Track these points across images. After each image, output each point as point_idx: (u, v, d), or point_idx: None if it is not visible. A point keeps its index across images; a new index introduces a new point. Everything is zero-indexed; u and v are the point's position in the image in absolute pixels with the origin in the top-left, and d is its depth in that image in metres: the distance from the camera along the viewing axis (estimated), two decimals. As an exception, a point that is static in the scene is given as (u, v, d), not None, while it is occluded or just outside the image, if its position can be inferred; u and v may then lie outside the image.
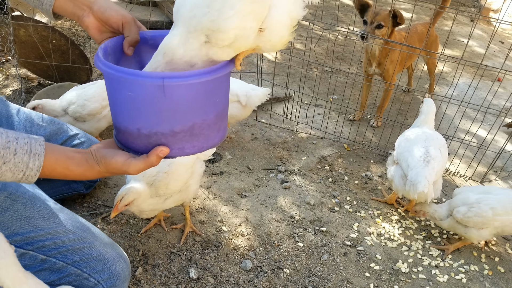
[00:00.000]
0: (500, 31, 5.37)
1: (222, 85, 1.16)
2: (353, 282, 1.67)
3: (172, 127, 1.09)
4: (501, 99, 3.46)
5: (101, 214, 1.82)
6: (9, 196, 1.18)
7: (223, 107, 1.20)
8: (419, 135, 2.00)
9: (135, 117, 1.09)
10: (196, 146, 1.14)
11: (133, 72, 1.00)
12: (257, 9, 1.00)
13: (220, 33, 0.97)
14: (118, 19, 1.18)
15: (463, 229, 1.81)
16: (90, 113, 2.04)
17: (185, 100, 1.06)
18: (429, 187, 1.77)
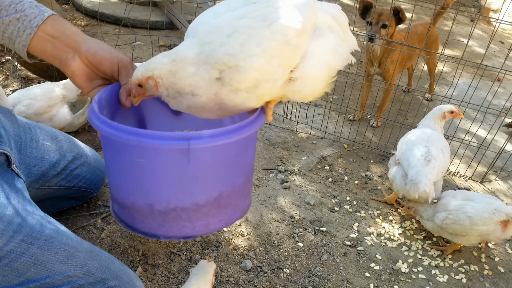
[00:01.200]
0: (500, 31, 5.36)
1: (252, 142, 0.97)
2: (353, 282, 1.67)
3: (195, 200, 0.88)
4: (501, 99, 3.46)
5: (101, 214, 1.82)
6: (25, 239, 1.02)
7: (251, 166, 1.00)
8: (420, 135, 2.00)
9: (146, 190, 0.87)
10: (223, 220, 0.95)
11: (147, 133, 0.77)
12: (287, 53, 0.82)
13: (237, 73, 0.78)
14: (113, 63, 0.98)
15: (450, 235, 1.81)
16: (36, 113, 1.94)
17: (212, 165, 0.86)
18: (430, 187, 1.77)
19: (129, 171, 0.87)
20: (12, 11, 0.96)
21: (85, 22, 3.64)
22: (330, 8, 0.98)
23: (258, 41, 0.78)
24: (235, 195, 0.95)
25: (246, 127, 0.85)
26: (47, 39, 0.98)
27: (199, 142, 0.79)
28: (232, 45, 0.78)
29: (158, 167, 0.83)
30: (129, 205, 0.92)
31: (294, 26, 0.81)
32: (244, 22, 0.80)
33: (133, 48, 3.33)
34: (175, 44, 3.57)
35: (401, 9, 2.48)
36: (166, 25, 3.77)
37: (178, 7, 4.02)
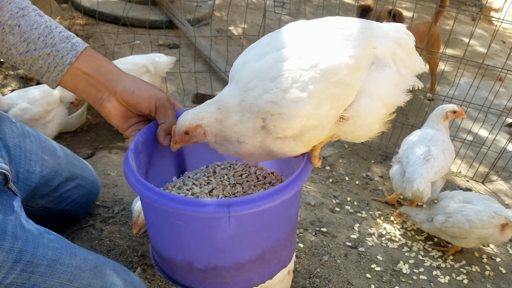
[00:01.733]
0: (501, 31, 5.35)
1: (297, 195, 0.90)
2: (354, 283, 1.65)
3: (237, 259, 0.83)
4: (503, 98, 3.44)
5: (100, 215, 1.81)
6: (25, 269, 0.95)
7: (296, 216, 0.95)
8: (423, 135, 1.99)
9: (185, 249, 0.83)
10: (267, 274, 0.90)
11: (185, 200, 0.74)
12: (340, 93, 0.73)
13: (281, 120, 0.72)
14: (150, 103, 0.93)
15: (449, 238, 1.80)
16: (32, 118, 1.87)
17: (254, 226, 0.81)
18: (425, 186, 1.76)
19: (167, 229, 0.84)
20: (42, 45, 0.90)
21: (84, 21, 3.62)
22: (393, 30, 0.86)
23: (304, 85, 0.71)
24: (279, 249, 0.91)
25: (292, 185, 0.78)
26: (80, 76, 0.93)
27: (240, 208, 0.73)
28: (275, 91, 0.72)
29: (197, 230, 0.80)
30: (167, 259, 0.89)
31: (346, 62, 0.73)
32: (289, 64, 0.72)
33: (132, 47, 3.32)
34: (174, 43, 3.56)
35: (399, 13, 2.47)
36: (165, 24, 3.75)
37: (177, 6, 4.01)
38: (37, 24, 0.91)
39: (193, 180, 1.03)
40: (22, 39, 0.89)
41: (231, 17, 4.44)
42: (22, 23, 0.89)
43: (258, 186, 1.01)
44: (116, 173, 2.08)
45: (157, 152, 0.98)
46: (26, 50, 0.90)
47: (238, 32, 4.20)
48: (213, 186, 1.00)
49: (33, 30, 0.90)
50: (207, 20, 4.16)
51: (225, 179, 1.03)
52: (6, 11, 0.88)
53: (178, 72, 2.70)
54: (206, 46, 3.39)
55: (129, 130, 0.99)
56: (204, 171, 1.08)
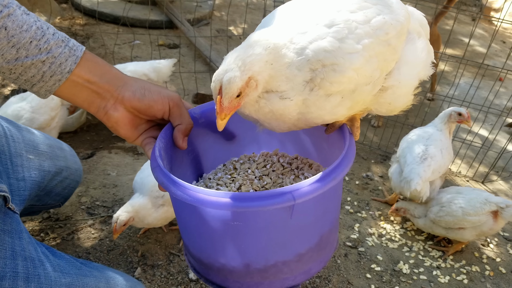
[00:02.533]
0: (501, 30, 5.35)
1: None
2: (354, 283, 1.65)
3: (297, 251, 0.79)
4: (503, 98, 3.45)
5: (100, 215, 1.81)
6: None
7: (341, 197, 0.91)
8: (422, 134, 1.99)
9: (242, 251, 0.78)
10: (323, 261, 0.87)
11: (245, 196, 0.68)
12: (386, 54, 0.73)
13: (332, 73, 0.68)
14: (164, 104, 0.85)
15: (443, 229, 1.81)
16: (40, 127, 1.88)
17: (314, 213, 0.78)
18: (422, 186, 1.76)
19: (219, 234, 0.77)
20: (35, 51, 0.76)
21: (84, 21, 3.62)
22: (416, 12, 0.89)
23: (360, 37, 0.68)
24: (332, 232, 0.88)
25: (346, 161, 0.74)
26: (81, 84, 0.81)
27: (305, 193, 0.69)
28: (330, 40, 0.67)
29: (256, 228, 0.74)
30: (219, 267, 0.81)
31: (395, 24, 0.73)
32: (344, 15, 0.70)
33: (132, 47, 3.32)
34: (174, 43, 3.56)
35: None
36: (165, 24, 3.75)
37: (177, 6, 4.01)
38: (26, 25, 0.76)
39: (216, 181, 0.97)
40: (10, 44, 0.74)
41: (231, 17, 4.44)
42: (9, 25, 0.74)
43: (287, 174, 0.96)
44: (116, 173, 2.08)
45: (175, 157, 0.91)
46: (16, 58, 0.75)
47: (238, 32, 4.20)
48: (240, 183, 0.93)
49: (23, 33, 0.75)
50: (207, 20, 4.16)
51: (249, 173, 0.97)
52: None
53: (178, 72, 2.69)
54: (206, 46, 3.39)
55: (140, 139, 0.89)
56: (224, 169, 1.02)
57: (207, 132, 0.99)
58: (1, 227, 0.93)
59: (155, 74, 2.36)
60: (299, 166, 0.99)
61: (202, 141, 0.99)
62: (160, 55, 3.07)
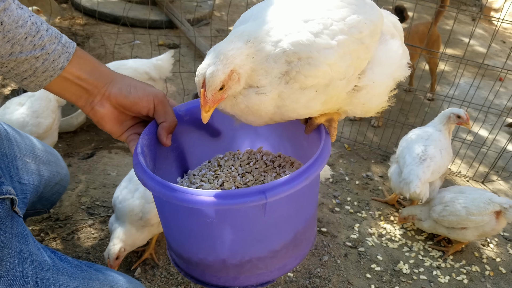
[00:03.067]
0: (501, 30, 5.35)
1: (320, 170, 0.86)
2: (354, 283, 1.65)
3: (271, 247, 0.81)
4: (503, 98, 3.45)
5: (100, 215, 1.81)
6: None
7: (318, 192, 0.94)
8: (421, 134, 1.99)
9: (217, 247, 0.80)
10: (299, 257, 0.89)
11: (219, 194, 0.70)
12: (359, 52, 0.75)
13: (307, 66, 0.70)
14: (149, 101, 0.87)
15: (445, 229, 1.81)
16: (46, 130, 1.90)
17: (287, 210, 0.79)
18: (422, 188, 1.76)
19: (196, 230, 0.80)
20: (29, 47, 0.77)
21: (84, 21, 3.62)
22: (389, 15, 0.92)
23: (334, 33, 0.71)
24: (308, 229, 0.90)
25: (321, 159, 0.76)
26: (71, 79, 0.83)
27: (276, 192, 0.71)
28: (306, 33, 0.69)
29: (231, 225, 0.77)
30: (197, 261, 0.84)
31: (369, 24, 0.76)
32: (319, 11, 0.72)
33: (132, 47, 3.32)
34: (174, 43, 3.56)
35: (404, 8, 2.47)
36: (165, 24, 3.75)
37: (177, 6, 4.01)
38: (22, 20, 0.75)
39: (200, 177, 0.99)
40: (5, 39, 0.74)
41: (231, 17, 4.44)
42: (5, 20, 0.73)
43: (269, 171, 0.98)
44: (116, 173, 2.08)
45: (159, 153, 0.93)
46: (10, 53, 0.76)
47: (238, 32, 4.19)
48: (223, 180, 0.96)
49: (19, 29, 0.75)
50: (207, 20, 4.16)
51: (233, 170, 0.99)
52: None
53: (178, 72, 2.69)
54: (206, 46, 3.39)
55: (125, 135, 0.91)
56: (208, 166, 1.04)
57: (192, 129, 1.00)
58: (9, 231, 0.92)
59: (157, 72, 2.36)
60: (281, 164, 1.01)
61: (187, 138, 1.00)
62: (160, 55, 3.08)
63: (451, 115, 1.98)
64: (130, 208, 1.45)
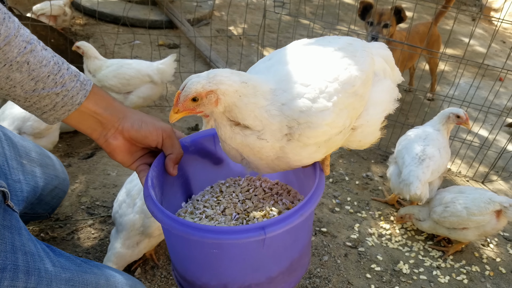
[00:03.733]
0: (501, 30, 5.35)
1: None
2: (354, 283, 1.65)
3: (269, 274, 0.89)
4: (503, 98, 3.45)
5: (100, 215, 1.81)
6: None
7: (312, 224, 1.03)
8: (419, 134, 1.98)
9: (221, 273, 0.87)
10: (294, 281, 0.97)
11: (222, 230, 0.76)
12: (354, 104, 0.81)
13: (308, 129, 0.76)
14: (158, 135, 0.94)
15: (446, 230, 1.81)
16: (47, 127, 1.89)
17: (284, 242, 0.87)
18: (422, 188, 1.75)
19: (202, 259, 0.86)
20: (51, 84, 0.84)
21: (84, 21, 3.62)
22: (379, 49, 0.98)
23: (330, 95, 0.77)
24: (303, 257, 0.97)
25: (315, 196, 0.83)
26: (88, 114, 0.91)
27: (275, 228, 0.77)
28: (304, 101, 0.76)
29: (233, 255, 0.83)
30: (200, 285, 0.90)
31: (360, 75, 0.81)
32: (315, 74, 0.78)
33: (132, 47, 3.32)
34: (174, 43, 3.56)
35: (402, 8, 2.47)
36: (165, 24, 3.75)
37: (177, 6, 4.01)
38: (45, 60, 0.84)
39: (203, 203, 1.06)
40: (30, 77, 0.82)
41: (231, 17, 4.44)
42: (31, 60, 0.82)
43: (267, 198, 1.06)
44: (116, 173, 2.08)
45: (166, 182, 1.00)
46: (33, 89, 0.83)
47: (238, 32, 4.20)
48: (225, 206, 1.03)
49: (42, 68, 0.83)
50: (207, 20, 4.16)
51: (233, 197, 1.06)
52: (15, 46, 0.79)
53: (178, 72, 2.69)
54: (206, 46, 3.39)
55: (135, 165, 0.98)
56: (211, 191, 1.12)
57: (196, 158, 1.08)
58: (0, 222, 0.94)
59: (159, 76, 2.36)
60: (279, 192, 1.08)
61: (192, 166, 1.08)
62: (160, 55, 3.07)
63: (450, 115, 1.97)
64: (131, 223, 1.44)
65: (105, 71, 2.28)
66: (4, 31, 0.77)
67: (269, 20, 4.27)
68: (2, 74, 0.80)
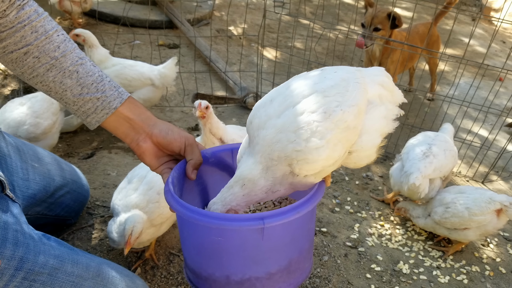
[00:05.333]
0: (501, 30, 5.35)
1: (314, 210, 1.08)
2: (354, 283, 1.65)
3: (268, 269, 0.98)
4: (503, 98, 3.45)
5: (100, 214, 1.81)
6: (27, 277, 0.99)
7: (313, 231, 1.12)
8: (428, 134, 2.01)
9: (223, 263, 0.97)
10: (292, 284, 1.04)
11: (226, 216, 0.88)
12: (348, 136, 0.90)
13: (306, 164, 0.87)
14: (181, 142, 1.08)
15: (446, 230, 1.81)
16: (44, 132, 1.89)
17: (283, 238, 0.96)
18: (422, 181, 1.76)
19: (207, 247, 0.96)
20: (94, 90, 1.04)
21: (84, 21, 3.62)
22: (376, 76, 1.04)
23: (322, 134, 0.85)
24: (302, 260, 1.05)
25: (312, 200, 0.95)
26: (123, 119, 1.06)
27: (272, 220, 0.88)
28: (298, 141, 0.85)
29: (235, 244, 0.93)
30: (206, 276, 1.01)
31: (352, 110, 0.89)
32: (306, 118, 0.87)
33: (132, 47, 3.32)
34: (174, 43, 3.56)
35: (398, 16, 2.46)
36: (165, 24, 3.75)
37: (177, 6, 4.01)
38: (91, 72, 1.05)
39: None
40: (78, 83, 1.03)
41: (231, 17, 4.44)
42: (80, 70, 1.03)
43: None
44: (116, 173, 2.09)
45: (186, 186, 1.10)
46: (80, 93, 1.03)
47: (238, 32, 4.20)
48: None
49: (88, 77, 1.04)
50: (207, 20, 4.16)
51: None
52: (69, 58, 1.03)
53: (178, 72, 2.69)
54: (206, 46, 3.39)
55: (160, 168, 1.09)
56: None
57: (215, 170, 1.18)
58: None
59: (161, 81, 2.36)
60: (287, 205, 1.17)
61: (211, 177, 1.18)
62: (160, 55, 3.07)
63: None
64: (134, 204, 1.43)
65: (108, 70, 2.28)
66: (63, 47, 1.03)
67: (269, 20, 4.27)
68: (57, 79, 1.01)
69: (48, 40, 1.01)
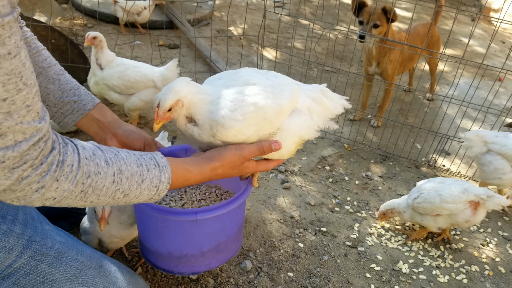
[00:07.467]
0: (501, 31, 5.36)
1: (242, 205, 1.31)
2: (354, 283, 1.66)
3: (201, 249, 1.23)
4: (502, 98, 3.45)
5: (101, 214, 1.81)
6: (34, 256, 1.04)
7: (242, 220, 1.37)
8: None
9: (166, 243, 1.22)
10: (221, 260, 1.32)
11: (166, 210, 1.14)
12: (264, 125, 1.09)
13: (221, 129, 1.05)
14: (141, 142, 1.26)
15: (420, 217, 1.85)
16: None
17: (213, 226, 1.21)
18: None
19: (154, 230, 1.23)
20: (72, 95, 1.25)
21: (85, 21, 3.63)
22: (311, 91, 1.24)
23: (244, 112, 1.06)
24: (230, 242, 1.30)
25: (238, 199, 1.20)
26: (93, 120, 1.27)
27: (203, 214, 1.13)
28: (226, 111, 1.06)
29: (175, 229, 1.18)
30: (154, 251, 1.27)
31: (275, 107, 1.09)
32: (240, 96, 1.09)
33: (132, 47, 3.32)
34: (174, 44, 3.57)
35: (390, 9, 2.47)
36: (165, 24, 3.76)
37: (177, 6, 4.01)
38: (70, 81, 1.27)
39: (169, 197, 1.42)
40: (59, 88, 1.24)
41: (231, 18, 4.45)
42: (61, 79, 1.26)
43: (217, 201, 1.43)
44: (116, 173, 2.09)
45: None
46: (60, 96, 1.24)
47: (238, 32, 4.20)
48: (185, 201, 1.41)
49: (68, 84, 1.26)
50: (207, 20, 4.17)
51: (193, 196, 1.44)
52: (53, 69, 1.25)
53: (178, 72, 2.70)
54: (206, 46, 3.40)
55: None
56: (177, 190, 1.46)
57: None
58: None
59: (163, 82, 2.36)
60: (227, 198, 1.44)
61: None
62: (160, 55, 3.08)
63: None
64: None
65: (112, 70, 2.28)
66: (49, 60, 1.26)
67: (269, 21, 4.28)
68: (43, 85, 1.22)
69: (38, 53, 1.24)
